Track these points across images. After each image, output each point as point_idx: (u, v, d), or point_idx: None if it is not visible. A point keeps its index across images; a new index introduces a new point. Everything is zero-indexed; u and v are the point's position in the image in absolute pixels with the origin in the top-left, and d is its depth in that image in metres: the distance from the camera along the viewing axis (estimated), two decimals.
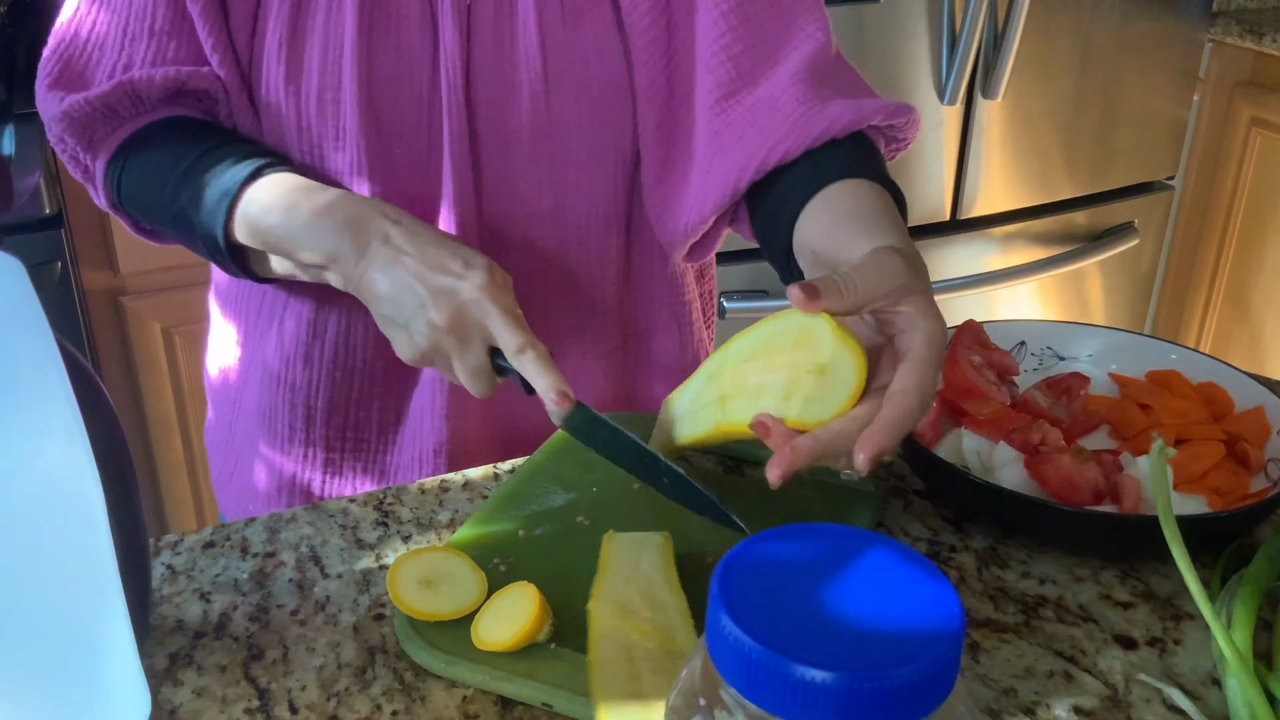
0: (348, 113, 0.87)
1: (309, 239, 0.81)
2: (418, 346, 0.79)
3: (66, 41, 0.89)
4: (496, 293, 0.78)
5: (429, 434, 0.96)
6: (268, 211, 0.83)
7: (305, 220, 0.81)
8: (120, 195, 0.91)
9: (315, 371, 0.96)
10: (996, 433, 0.83)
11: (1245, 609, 0.68)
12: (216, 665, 0.68)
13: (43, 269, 1.73)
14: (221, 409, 1.05)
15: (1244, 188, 2.52)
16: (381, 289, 0.79)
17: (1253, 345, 2.57)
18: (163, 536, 0.79)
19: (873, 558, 0.42)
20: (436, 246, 0.79)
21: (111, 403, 0.66)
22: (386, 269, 0.79)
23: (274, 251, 0.85)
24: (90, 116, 0.88)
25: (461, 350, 0.78)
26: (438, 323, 0.77)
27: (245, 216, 0.83)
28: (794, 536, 0.43)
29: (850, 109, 0.85)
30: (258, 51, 0.88)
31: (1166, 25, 2.31)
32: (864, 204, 0.78)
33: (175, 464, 2.03)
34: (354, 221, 0.81)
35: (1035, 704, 0.66)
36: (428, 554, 0.72)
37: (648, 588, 0.69)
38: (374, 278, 0.79)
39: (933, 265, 2.28)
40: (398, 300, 0.79)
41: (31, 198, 1.69)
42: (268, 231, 0.83)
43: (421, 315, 0.78)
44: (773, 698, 0.38)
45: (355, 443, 0.98)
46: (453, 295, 0.77)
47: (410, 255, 0.79)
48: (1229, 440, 0.83)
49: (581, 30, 0.89)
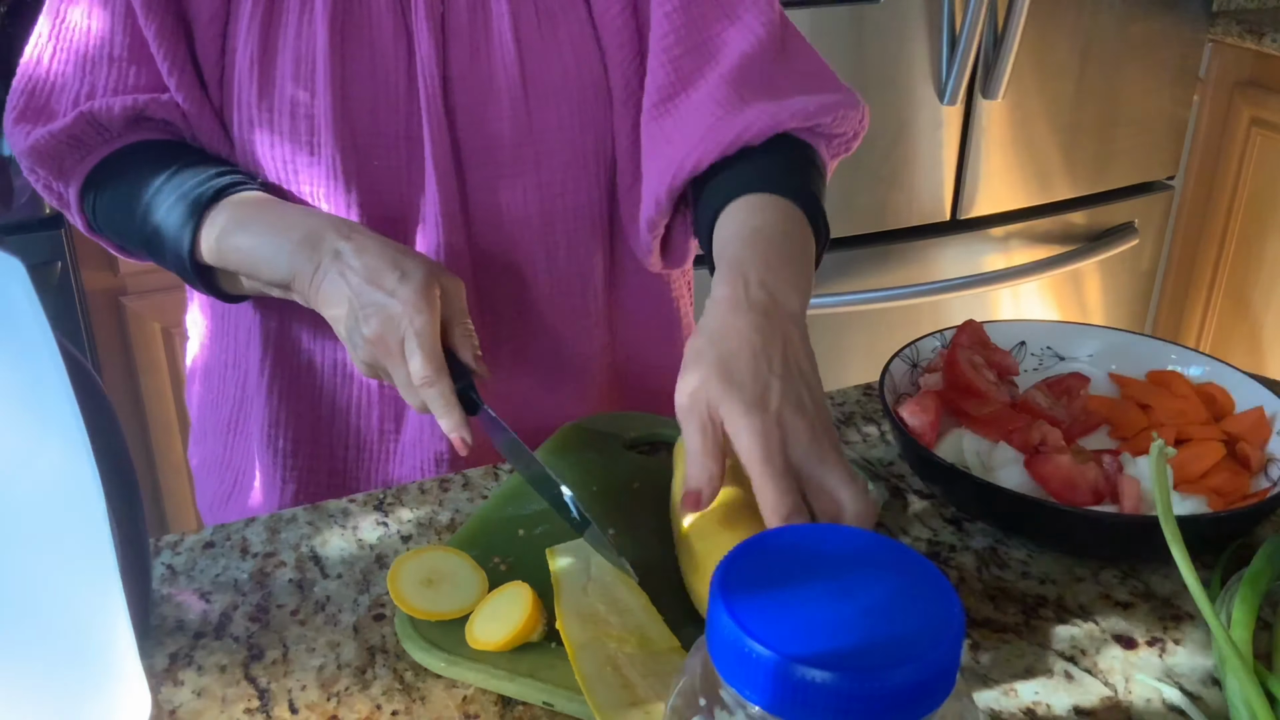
0: (322, 127, 0.86)
1: (268, 258, 0.82)
2: (361, 360, 0.80)
3: (29, 74, 0.90)
4: (419, 310, 0.76)
5: (429, 442, 0.96)
6: (229, 233, 0.83)
7: (264, 240, 0.82)
8: (97, 221, 0.92)
9: (319, 380, 0.96)
10: (996, 433, 0.83)
11: (1245, 609, 0.68)
12: (216, 665, 0.68)
13: (43, 269, 1.73)
14: (215, 431, 1.04)
15: (1244, 188, 2.52)
16: (329, 304, 0.80)
17: (1253, 345, 2.57)
18: (163, 536, 0.79)
19: (873, 558, 0.42)
20: (378, 259, 0.79)
21: (111, 403, 0.66)
22: (334, 285, 0.79)
23: (239, 272, 0.85)
24: (56, 149, 0.88)
25: (393, 365, 0.78)
26: (368, 336, 0.78)
27: (209, 238, 0.84)
28: (794, 536, 0.43)
29: (765, 114, 0.85)
30: (228, 69, 0.87)
31: (1166, 25, 2.31)
32: (747, 229, 0.78)
33: (175, 464, 2.03)
34: (309, 239, 0.81)
35: (1035, 704, 0.66)
36: (428, 553, 0.72)
37: (606, 592, 0.69)
38: (324, 293, 0.80)
39: (933, 265, 2.29)
40: (340, 315, 0.80)
41: (31, 198, 1.69)
42: (231, 252, 0.83)
43: (357, 329, 0.78)
44: (773, 698, 0.38)
45: (357, 451, 0.98)
46: (382, 309, 0.77)
47: (353, 270, 0.79)
48: (1229, 440, 0.83)
49: (557, 34, 0.88)
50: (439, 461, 0.96)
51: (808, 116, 0.86)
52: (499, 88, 0.88)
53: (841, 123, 0.88)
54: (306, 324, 0.94)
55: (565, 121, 0.90)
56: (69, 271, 1.76)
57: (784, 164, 0.85)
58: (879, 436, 0.92)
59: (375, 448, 0.98)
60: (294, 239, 0.81)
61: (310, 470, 0.99)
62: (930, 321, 2.20)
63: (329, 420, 0.97)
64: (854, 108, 0.88)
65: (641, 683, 0.62)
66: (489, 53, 0.87)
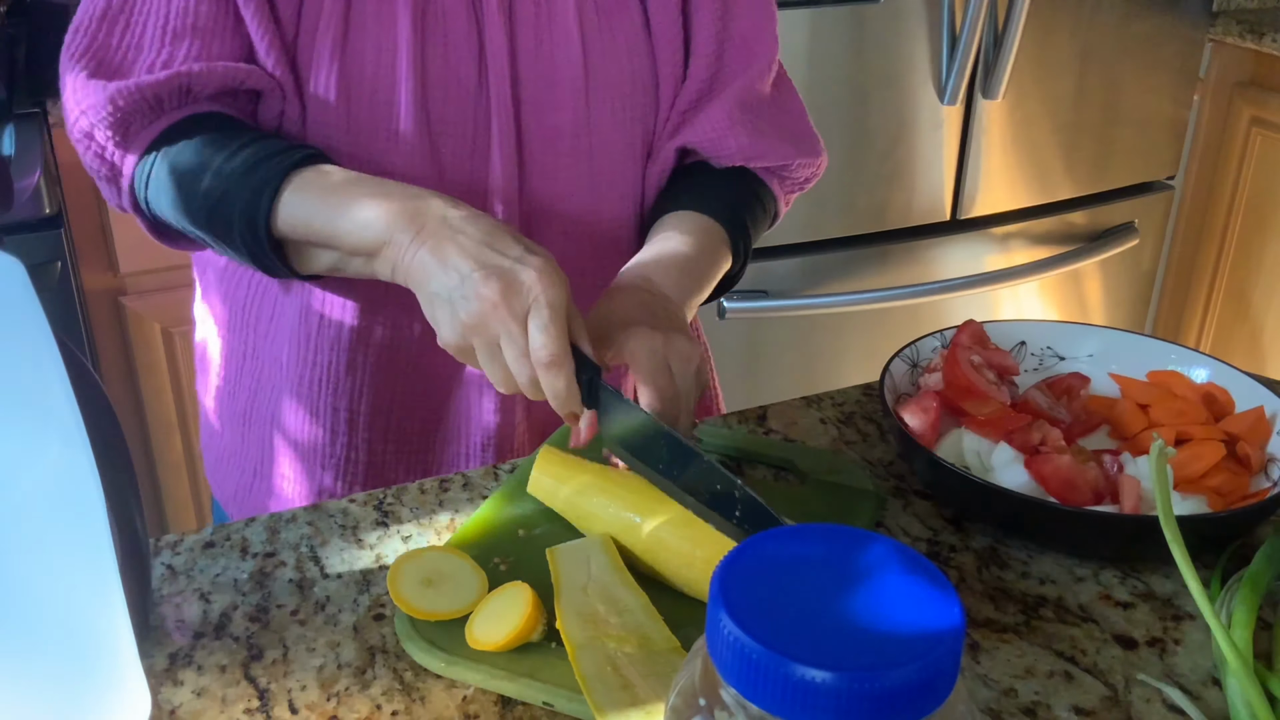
0: (402, 115, 0.87)
1: (362, 225, 0.79)
2: (461, 323, 0.74)
3: (100, 34, 0.87)
4: (553, 283, 0.74)
5: (476, 430, 0.97)
6: (317, 198, 0.80)
7: (359, 206, 0.79)
8: (147, 192, 0.88)
9: (359, 375, 0.96)
10: (996, 433, 0.83)
11: (1245, 609, 0.68)
12: (216, 665, 0.68)
13: (43, 269, 1.73)
14: (231, 421, 1.04)
15: (1244, 188, 2.52)
16: (432, 265, 0.75)
17: (1253, 345, 2.57)
18: (163, 536, 0.79)
19: (873, 558, 0.42)
20: (496, 227, 0.77)
21: (111, 403, 0.66)
22: (440, 247, 0.75)
23: (318, 240, 0.82)
24: (135, 105, 0.85)
25: (510, 327, 0.73)
26: (487, 295, 0.73)
27: (290, 204, 0.81)
28: (794, 536, 0.43)
29: (743, 147, 0.95)
30: (304, 53, 0.87)
31: (1166, 25, 2.31)
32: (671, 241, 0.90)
33: (175, 464, 2.03)
34: (411, 206, 0.78)
35: (1035, 704, 0.66)
36: (428, 553, 0.72)
37: (606, 592, 0.69)
38: (424, 258, 0.76)
39: (933, 265, 2.29)
40: (448, 273, 0.75)
41: (31, 198, 1.69)
42: (315, 217, 0.80)
43: (470, 287, 0.73)
44: (773, 698, 0.38)
45: (398, 444, 0.98)
46: (508, 273, 0.73)
47: (468, 235, 0.76)
48: (1229, 440, 0.83)
49: (615, 29, 0.92)
50: (485, 448, 0.98)
51: (772, 160, 0.97)
52: (562, 79, 0.91)
53: (800, 170, 1.00)
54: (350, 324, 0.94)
55: (618, 115, 0.94)
56: (69, 271, 1.76)
57: (732, 192, 0.96)
58: (879, 436, 0.92)
59: (415, 440, 0.98)
60: (392, 206, 0.78)
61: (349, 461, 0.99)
62: (930, 321, 2.20)
63: (370, 415, 0.97)
64: (816, 157, 1.01)
65: (641, 683, 0.62)
66: (553, 44, 0.90)
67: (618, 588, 0.69)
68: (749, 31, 0.97)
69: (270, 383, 0.99)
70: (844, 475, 0.84)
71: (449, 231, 0.76)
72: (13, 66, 1.79)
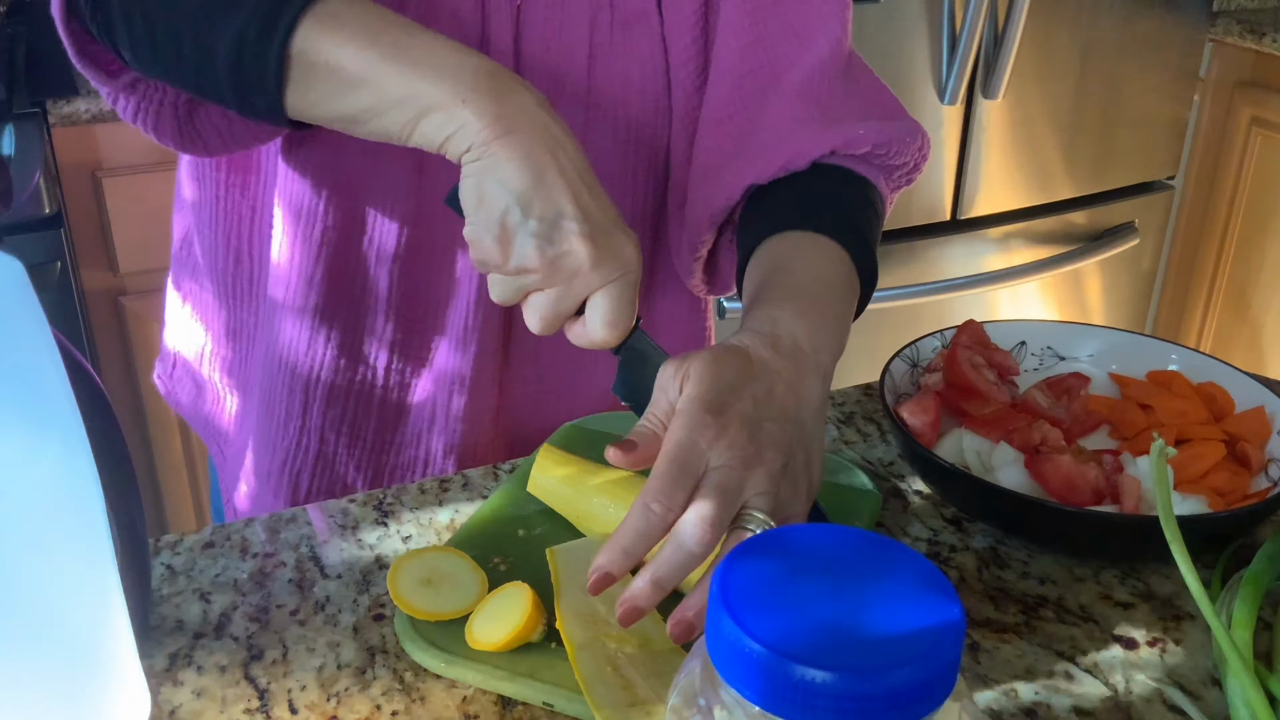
0: None
1: (433, 69, 0.66)
2: (527, 254, 0.65)
3: None
4: (640, 270, 0.67)
5: (439, 435, 0.95)
6: (367, 20, 0.67)
7: (427, 46, 0.67)
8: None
9: (320, 355, 0.92)
10: (996, 433, 0.83)
11: (1245, 609, 0.68)
12: (216, 665, 0.68)
13: (43, 269, 1.73)
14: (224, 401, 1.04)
15: (1244, 188, 2.52)
16: (523, 172, 0.64)
17: (1253, 345, 2.57)
18: (163, 536, 0.79)
19: (873, 558, 0.42)
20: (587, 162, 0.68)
21: (111, 403, 0.66)
22: (535, 152, 0.65)
23: (352, 76, 0.67)
24: None
25: (582, 291, 0.66)
26: (581, 253, 0.65)
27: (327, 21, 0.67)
28: (794, 536, 0.43)
29: (815, 139, 0.81)
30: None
31: (1166, 25, 2.31)
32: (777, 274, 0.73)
33: (175, 464, 2.03)
34: (499, 73, 0.67)
35: (1035, 704, 0.66)
36: (428, 553, 0.72)
37: (606, 593, 0.69)
38: (514, 153, 0.64)
39: (933, 265, 2.29)
40: (541, 196, 0.65)
41: (31, 198, 1.69)
42: (365, 44, 0.66)
43: (565, 232, 0.65)
44: (773, 698, 0.38)
45: (350, 439, 0.96)
46: (610, 237, 0.65)
47: (567, 154, 0.66)
48: (1229, 440, 0.83)
49: (628, 45, 0.86)
50: (447, 454, 0.95)
51: (857, 145, 0.82)
52: (564, 90, 0.85)
53: (897, 155, 0.84)
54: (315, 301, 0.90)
55: (620, 135, 0.88)
56: (69, 271, 1.76)
57: (840, 199, 0.80)
58: (879, 436, 0.92)
59: (370, 438, 0.97)
60: (476, 63, 0.66)
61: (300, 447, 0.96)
62: (930, 321, 2.20)
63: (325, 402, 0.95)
64: (911, 138, 0.84)
65: (641, 683, 0.62)
66: (560, 53, 0.85)
67: (618, 588, 0.69)
68: (799, 19, 0.85)
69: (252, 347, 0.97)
70: (844, 475, 0.84)
71: (548, 138, 0.65)
72: (13, 66, 1.79)
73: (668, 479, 0.60)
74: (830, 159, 0.83)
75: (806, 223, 0.77)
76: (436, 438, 0.95)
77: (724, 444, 0.61)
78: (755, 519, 0.61)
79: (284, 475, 0.97)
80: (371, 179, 0.86)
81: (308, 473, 0.97)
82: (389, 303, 0.90)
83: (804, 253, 0.75)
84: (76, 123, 1.73)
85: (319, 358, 0.93)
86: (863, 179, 0.83)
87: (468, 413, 0.94)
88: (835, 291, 0.73)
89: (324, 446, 0.96)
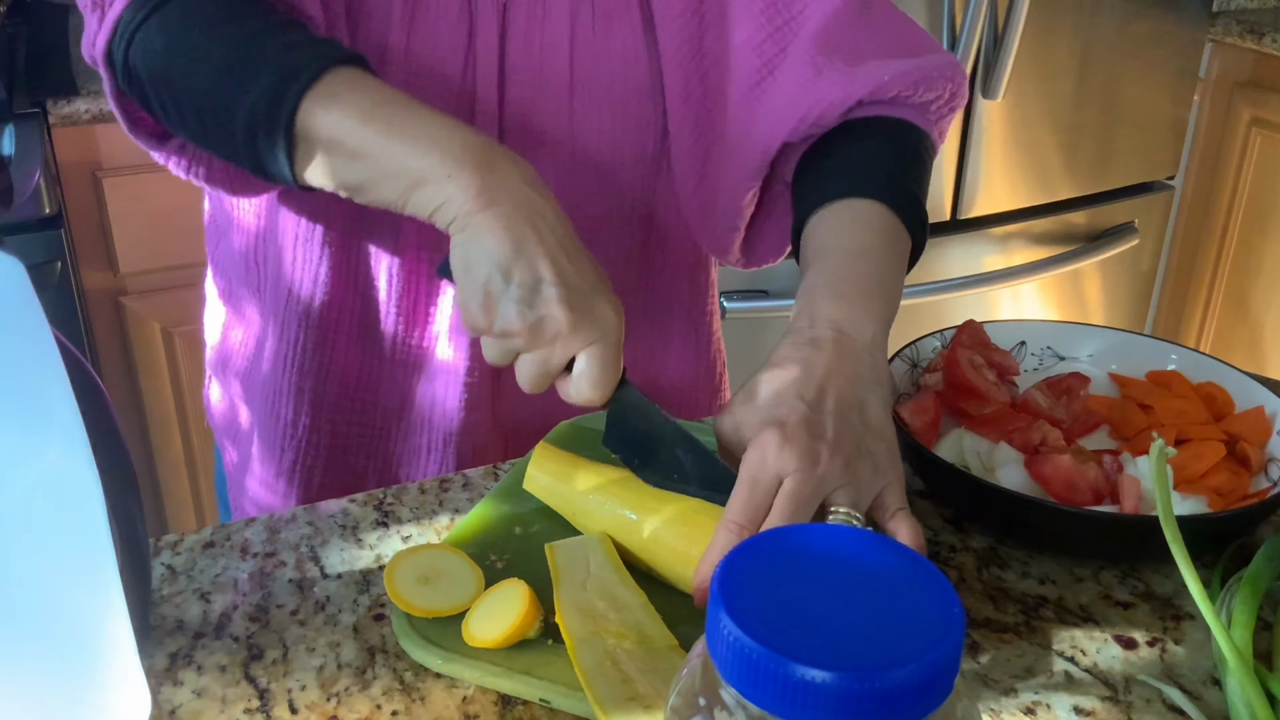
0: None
1: (426, 143, 0.70)
2: (510, 320, 0.68)
3: None
4: (621, 324, 0.70)
5: (440, 423, 0.96)
6: (368, 98, 0.72)
7: (422, 121, 0.71)
8: (138, 32, 0.75)
9: (327, 354, 0.94)
10: (996, 433, 0.83)
11: (1245, 609, 0.68)
12: (216, 665, 0.68)
13: (43, 269, 1.73)
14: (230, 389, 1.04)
15: (1244, 188, 2.52)
16: (502, 243, 0.68)
17: (1253, 345, 2.57)
18: (163, 536, 0.79)
19: (873, 558, 0.42)
20: (569, 228, 0.71)
21: (111, 403, 0.66)
22: (516, 224, 0.68)
23: (353, 148, 0.71)
24: None
25: (562, 357, 0.70)
26: (559, 318, 0.68)
27: (333, 96, 0.71)
28: (794, 536, 0.43)
29: (837, 86, 0.82)
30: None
31: (1166, 25, 2.31)
32: (828, 249, 0.76)
33: (175, 464, 2.03)
34: (485, 147, 0.71)
35: (1035, 704, 0.66)
36: (425, 551, 0.72)
37: (605, 589, 0.69)
38: (494, 225, 0.68)
39: (932, 265, 2.29)
40: (519, 264, 0.68)
41: (31, 198, 1.69)
42: (365, 118, 0.71)
43: (543, 298, 0.68)
44: (773, 698, 0.38)
45: (361, 428, 0.97)
46: (587, 302, 0.68)
47: (547, 223, 0.69)
48: (1229, 440, 0.83)
49: (610, 36, 0.87)
50: (446, 443, 0.96)
51: (882, 87, 0.82)
52: (548, 82, 0.87)
53: (927, 91, 0.83)
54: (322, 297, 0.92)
55: (605, 125, 0.89)
56: (69, 271, 1.76)
57: (880, 155, 0.81)
58: None
59: (377, 423, 0.98)
60: (464, 137, 0.70)
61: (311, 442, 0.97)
62: (930, 321, 2.20)
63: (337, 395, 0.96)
64: (938, 72, 0.83)
65: (640, 678, 0.62)
66: (543, 47, 0.86)
67: (616, 585, 0.70)
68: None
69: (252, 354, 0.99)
70: None
71: (529, 209, 0.69)
72: (13, 66, 1.79)
73: (741, 497, 0.65)
74: (862, 110, 0.84)
75: (849, 189, 0.79)
76: (438, 426, 0.96)
77: (790, 452, 0.65)
78: (839, 515, 0.65)
79: (296, 473, 0.98)
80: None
81: (319, 467, 0.98)
82: (390, 299, 0.92)
83: (843, 226, 0.78)
84: (76, 123, 1.73)
85: (329, 347, 0.94)
86: (900, 123, 0.84)
87: (465, 404, 0.95)
88: (876, 257, 0.76)
89: (335, 439, 0.97)
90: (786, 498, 0.64)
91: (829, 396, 0.68)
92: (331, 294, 0.92)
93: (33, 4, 2.00)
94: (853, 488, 0.66)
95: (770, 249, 0.97)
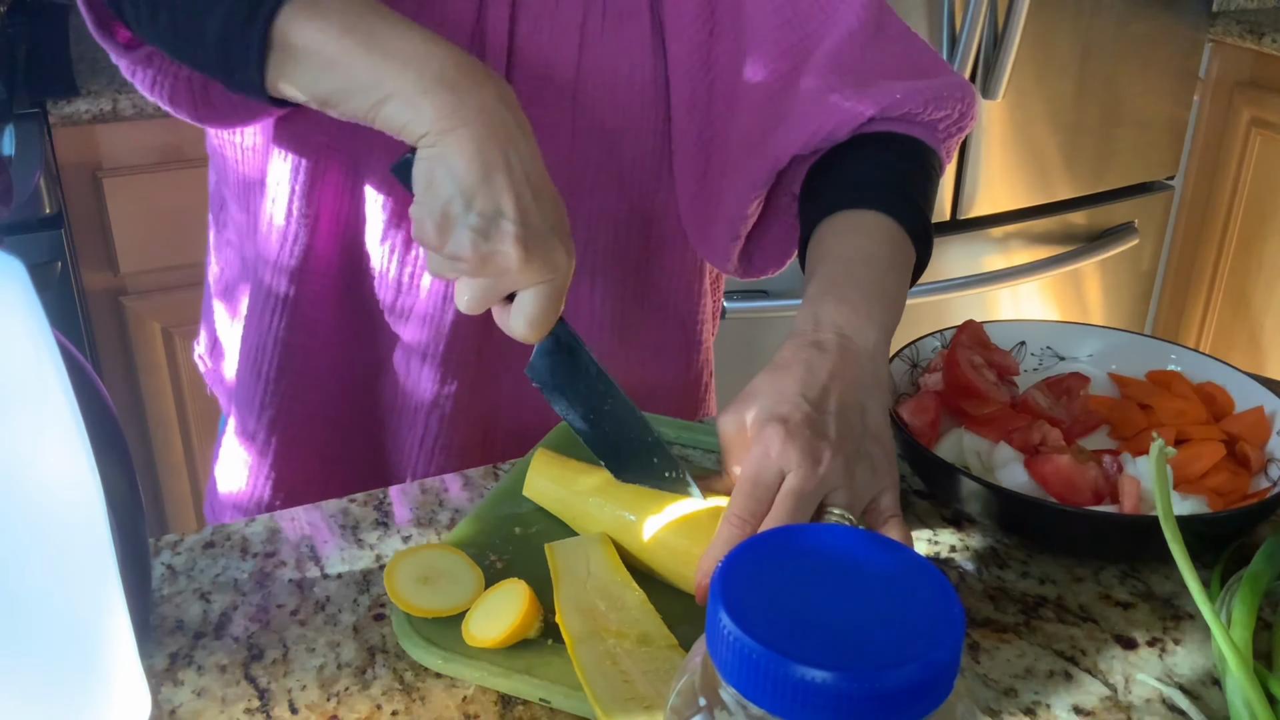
0: None
1: (399, 59, 0.68)
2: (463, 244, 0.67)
3: None
4: (569, 277, 0.70)
5: (419, 425, 0.96)
6: (348, 12, 0.70)
7: (402, 39, 0.69)
8: None
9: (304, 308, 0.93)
10: (996, 433, 0.83)
11: (1245, 609, 0.68)
12: (216, 665, 0.68)
13: (43, 269, 1.73)
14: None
15: (1244, 188, 2.52)
16: (470, 165, 0.67)
17: (1253, 345, 2.57)
18: (163, 536, 0.79)
19: (873, 558, 0.42)
20: (541, 165, 0.69)
21: (111, 403, 0.66)
22: (487, 148, 0.67)
23: (325, 62, 0.70)
24: None
25: (507, 287, 0.69)
26: (511, 254, 0.67)
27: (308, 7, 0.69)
28: (794, 536, 0.43)
29: (845, 106, 0.83)
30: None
31: (1166, 25, 2.31)
32: (831, 257, 0.78)
33: (175, 464, 2.03)
34: (464, 65, 0.69)
35: (1035, 704, 0.66)
36: (425, 551, 0.72)
37: (605, 589, 0.69)
38: (465, 146, 0.67)
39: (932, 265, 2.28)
40: (484, 191, 0.67)
41: (31, 198, 1.69)
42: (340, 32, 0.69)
43: (500, 232, 0.67)
44: (773, 698, 0.38)
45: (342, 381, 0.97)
46: (544, 244, 0.68)
47: (519, 153, 0.68)
48: (1229, 440, 0.83)
49: (619, 36, 0.88)
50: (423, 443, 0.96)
51: (894, 104, 0.83)
52: (554, 74, 0.87)
53: (935, 110, 0.85)
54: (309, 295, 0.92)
55: (607, 125, 0.89)
56: (69, 271, 1.76)
57: (887, 169, 0.83)
58: None
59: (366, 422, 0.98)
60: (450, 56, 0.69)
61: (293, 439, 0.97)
62: (930, 321, 2.20)
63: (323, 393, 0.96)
64: (948, 92, 0.85)
65: (640, 678, 0.62)
66: (553, 35, 0.86)
67: (616, 585, 0.70)
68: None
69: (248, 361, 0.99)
70: None
71: (503, 136, 0.68)
72: (13, 66, 1.79)
73: (743, 493, 0.66)
74: (872, 126, 0.84)
75: (856, 200, 0.80)
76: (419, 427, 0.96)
77: (793, 449, 0.65)
78: (833, 515, 0.66)
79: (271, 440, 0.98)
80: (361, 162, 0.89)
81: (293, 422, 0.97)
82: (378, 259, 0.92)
83: (848, 235, 0.79)
84: (76, 123, 1.73)
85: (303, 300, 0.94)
86: (909, 139, 0.85)
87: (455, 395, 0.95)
88: (880, 266, 0.77)
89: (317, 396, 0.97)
90: (788, 494, 0.65)
91: (832, 398, 0.68)
92: (316, 248, 0.91)
93: (33, 4, 2.00)
94: (850, 489, 0.67)
95: (769, 260, 0.97)
